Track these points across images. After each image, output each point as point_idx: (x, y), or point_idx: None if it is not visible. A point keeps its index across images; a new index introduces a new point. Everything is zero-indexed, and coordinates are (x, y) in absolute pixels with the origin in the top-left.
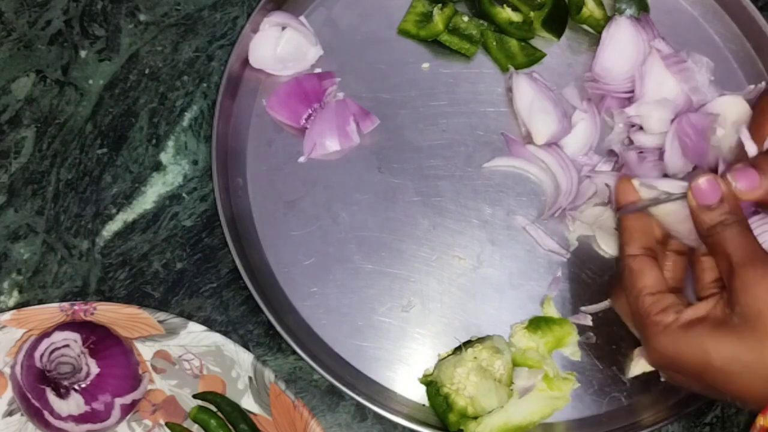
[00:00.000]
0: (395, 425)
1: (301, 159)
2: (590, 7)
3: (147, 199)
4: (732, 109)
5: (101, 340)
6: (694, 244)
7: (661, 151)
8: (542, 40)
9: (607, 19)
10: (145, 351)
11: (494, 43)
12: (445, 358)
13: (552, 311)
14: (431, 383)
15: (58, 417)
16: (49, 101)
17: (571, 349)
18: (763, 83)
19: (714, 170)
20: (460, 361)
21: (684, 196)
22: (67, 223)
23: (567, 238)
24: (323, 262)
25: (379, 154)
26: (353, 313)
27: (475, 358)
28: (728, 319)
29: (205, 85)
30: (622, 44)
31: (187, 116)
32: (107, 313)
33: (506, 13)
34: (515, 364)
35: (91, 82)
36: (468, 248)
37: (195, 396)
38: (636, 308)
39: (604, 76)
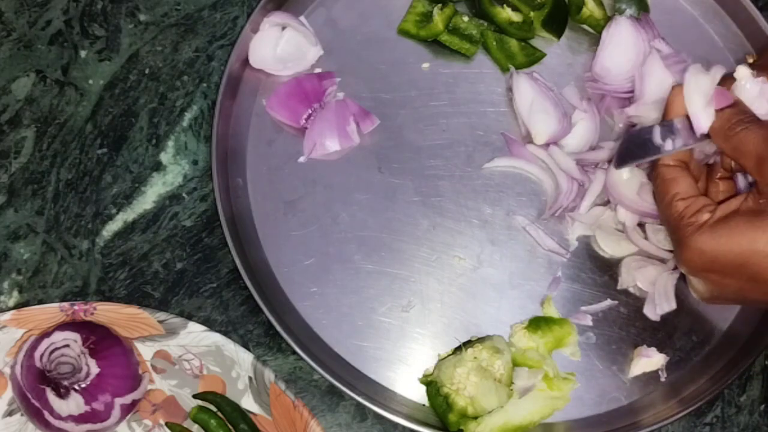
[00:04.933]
0: (395, 425)
1: (301, 159)
2: (590, 7)
3: (147, 199)
4: None
5: (101, 340)
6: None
7: None
8: (542, 40)
9: (607, 19)
10: (145, 351)
11: (494, 43)
12: (445, 358)
13: (552, 311)
14: (431, 383)
15: (58, 417)
16: (49, 101)
17: (571, 349)
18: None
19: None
20: (460, 361)
21: None
22: (67, 223)
23: (567, 238)
24: (323, 262)
25: (379, 154)
26: (353, 313)
27: (475, 358)
28: (764, 207)
29: (205, 85)
30: (622, 44)
31: (187, 116)
32: (107, 313)
33: (506, 13)
34: (515, 364)
35: (91, 82)
36: (468, 248)
37: (195, 396)
38: (669, 214)
39: (604, 76)
